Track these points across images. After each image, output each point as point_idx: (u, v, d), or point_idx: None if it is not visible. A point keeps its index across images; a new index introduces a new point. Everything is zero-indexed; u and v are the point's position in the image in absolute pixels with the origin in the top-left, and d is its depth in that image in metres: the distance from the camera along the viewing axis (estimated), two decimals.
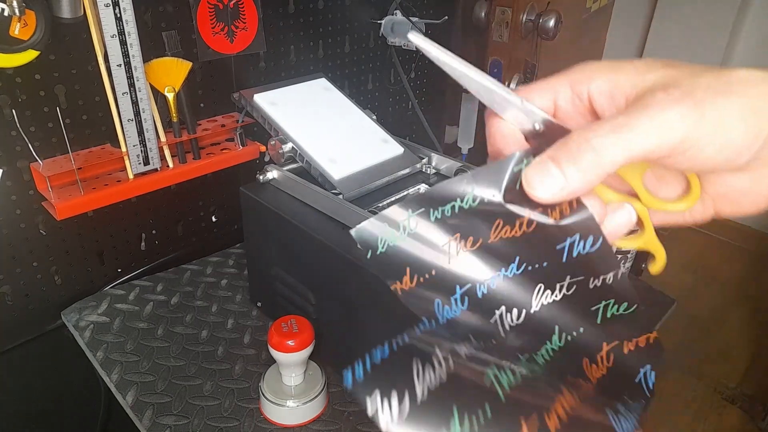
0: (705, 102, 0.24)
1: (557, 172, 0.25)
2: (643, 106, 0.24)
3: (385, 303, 0.56)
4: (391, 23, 1.05)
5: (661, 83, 0.25)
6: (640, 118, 0.24)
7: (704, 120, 0.24)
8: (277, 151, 0.70)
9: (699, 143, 0.24)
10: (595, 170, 0.24)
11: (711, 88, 0.24)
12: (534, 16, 1.17)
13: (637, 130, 0.24)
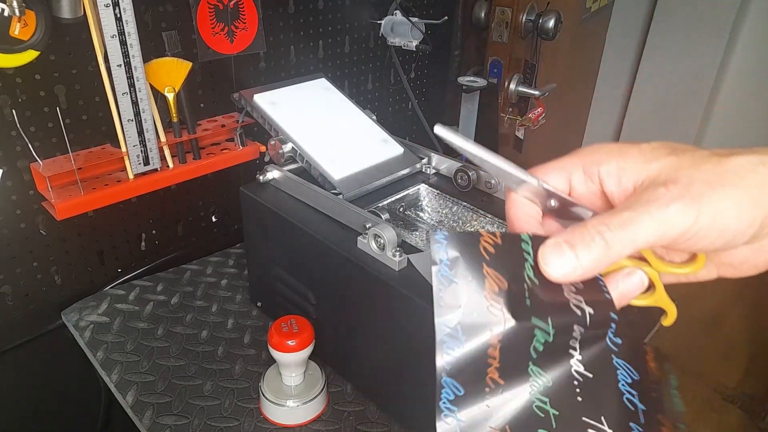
0: (702, 196, 0.26)
1: (571, 254, 0.27)
2: (647, 201, 0.27)
3: (385, 303, 0.56)
4: (391, 23, 1.05)
5: (663, 177, 0.27)
6: (644, 215, 0.26)
7: (702, 214, 0.26)
8: (277, 151, 0.70)
9: (698, 234, 0.27)
10: (605, 258, 0.27)
11: (708, 182, 0.27)
12: (534, 16, 1.17)
13: (642, 226, 0.26)
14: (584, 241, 0.27)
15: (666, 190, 0.27)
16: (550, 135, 1.51)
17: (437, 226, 0.73)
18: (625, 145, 0.30)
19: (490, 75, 1.21)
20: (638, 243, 0.27)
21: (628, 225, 0.27)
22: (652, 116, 2.47)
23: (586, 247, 0.27)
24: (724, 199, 0.26)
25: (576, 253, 0.27)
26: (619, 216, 0.27)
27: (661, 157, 0.28)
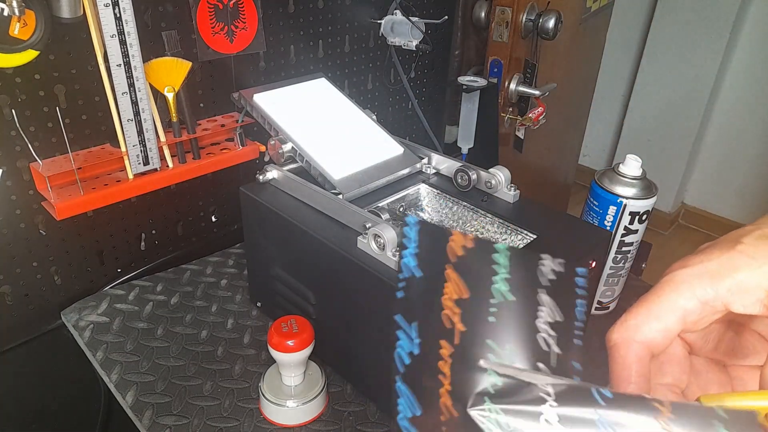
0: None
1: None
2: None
3: (385, 303, 0.56)
4: (391, 23, 1.05)
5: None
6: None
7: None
8: (277, 151, 0.70)
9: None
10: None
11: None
12: (534, 16, 1.17)
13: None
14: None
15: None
16: (550, 135, 1.51)
17: None
18: (714, 256, 0.27)
19: (490, 75, 1.21)
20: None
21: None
22: (652, 116, 2.47)
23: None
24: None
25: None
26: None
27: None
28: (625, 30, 2.49)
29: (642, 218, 0.72)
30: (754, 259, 0.26)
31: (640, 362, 0.28)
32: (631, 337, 0.28)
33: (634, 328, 0.28)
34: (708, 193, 2.52)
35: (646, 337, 0.27)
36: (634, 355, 0.28)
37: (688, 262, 0.28)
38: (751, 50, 2.23)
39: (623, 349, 0.28)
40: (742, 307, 0.27)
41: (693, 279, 0.27)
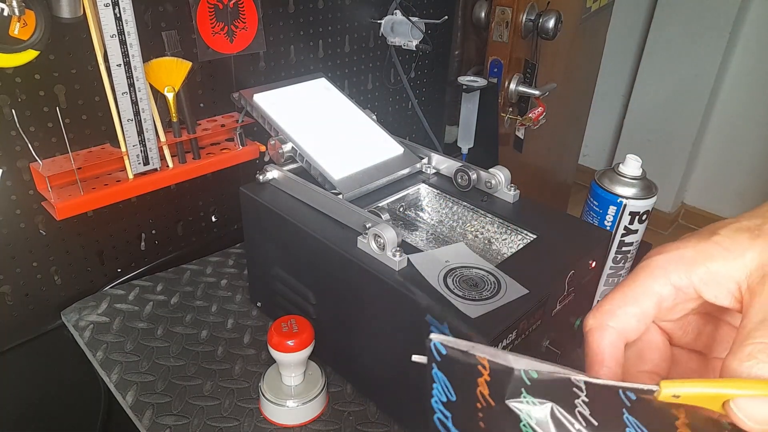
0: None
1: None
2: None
3: (385, 303, 0.56)
4: (391, 23, 1.05)
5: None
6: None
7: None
8: (277, 151, 0.70)
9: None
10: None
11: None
12: (534, 16, 1.17)
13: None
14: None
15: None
16: (550, 135, 1.51)
17: (437, 226, 0.73)
18: (690, 245, 0.28)
19: (490, 75, 1.21)
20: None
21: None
22: (652, 116, 2.47)
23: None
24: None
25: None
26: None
27: (747, 244, 0.26)
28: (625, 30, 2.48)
29: (642, 218, 0.72)
30: (728, 251, 0.27)
31: (613, 347, 0.28)
32: (606, 323, 0.28)
33: (609, 313, 0.28)
34: (708, 193, 2.52)
35: (621, 323, 0.28)
36: (607, 340, 0.28)
37: (664, 249, 0.28)
38: (751, 50, 2.23)
39: (597, 334, 0.28)
40: (713, 296, 0.27)
41: (668, 265, 0.28)
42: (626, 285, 0.28)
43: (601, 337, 0.28)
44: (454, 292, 0.52)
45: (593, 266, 0.63)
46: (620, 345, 0.28)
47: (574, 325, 0.64)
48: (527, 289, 0.53)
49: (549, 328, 0.59)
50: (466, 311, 0.50)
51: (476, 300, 0.51)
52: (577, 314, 0.64)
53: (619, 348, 0.28)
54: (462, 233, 0.71)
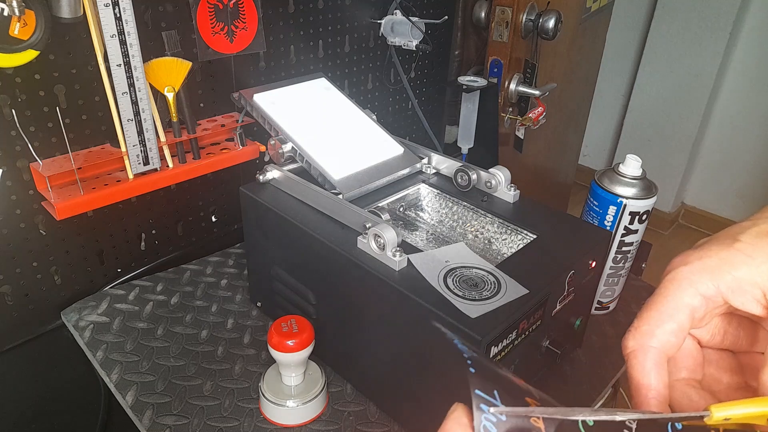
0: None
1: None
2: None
3: (385, 303, 0.56)
4: (391, 23, 1.05)
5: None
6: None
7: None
8: (277, 151, 0.70)
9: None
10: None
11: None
12: (534, 16, 1.17)
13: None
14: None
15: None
16: (550, 135, 1.51)
17: (437, 226, 0.73)
18: (713, 253, 0.28)
19: (490, 75, 1.21)
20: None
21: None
22: (652, 116, 2.47)
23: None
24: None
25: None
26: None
27: (767, 249, 0.27)
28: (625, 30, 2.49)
29: (642, 218, 0.72)
30: (751, 257, 0.27)
31: (658, 368, 0.28)
32: (647, 344, 0.28)
33: (648, 334, 0.28)
34: (708, 193, 2.52)
35: (661, 341, 0.28)
36: (651, 361, 0.28)
37: (687, 259, 0.29)
38: (751, 50, 2.23)
39: (641, 356, 0.28)
40: (740, 303, 0.27)
41: (694, 276, 0.28)
42: (658, 302, 0.29)
43: (645, 359, 0.28)
44: (454, 292, 0.52)
45: (593, 266, 0.63)
46: (664, 364, 0.28)
47: (574, 325, 0.64)
48: (527, 289, 0.53)
49: (549, 328, 0.59)
50: (466, 311, 0.50)
51: (476, 300, 0.51)
52: (577, 314, 0.64)
53: (664, 367, 0.28)
54: (462, 233, 0.71)
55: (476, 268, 0.56)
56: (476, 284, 0.54)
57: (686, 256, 0.29)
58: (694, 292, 0.28)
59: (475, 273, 0.55)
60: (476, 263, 0.57)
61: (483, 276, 0.55)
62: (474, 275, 0.55)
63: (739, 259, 0.27)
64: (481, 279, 0.54)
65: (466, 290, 0.53)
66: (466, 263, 0.57)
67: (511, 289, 0.53)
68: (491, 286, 0.53)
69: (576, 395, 0.67)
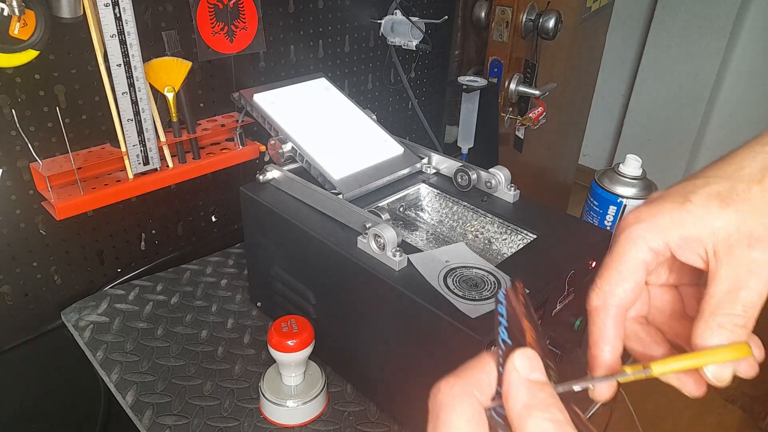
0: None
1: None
2: (749, 271, 0.28)
3: (385, 303, 0.56)
4: (391, 23, 1.05)
5: (745, 238, 0.28)
6: (755, 283, 0.28)
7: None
8: (277, 151, 0.70)
9: None
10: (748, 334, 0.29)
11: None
12: (534, 16, 1.17)
13: (760, 293, 0.28)
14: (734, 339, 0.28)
15: (756, 252, 0.28)
16: (550, 135, 1.51)
17: (437, 226, 0.73)
18: (665, 211, 0.30)
19: (490, 74, 1.21)
20: (759, 309, 0.28)
21: (753, 300, 0.28)
22: (652, 116, 2.47)
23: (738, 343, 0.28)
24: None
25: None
26: (740, 298, 0.28)
27: (717, 212, 0.29)
28: (625, 30, 2.48)
29: None
30: (700, 219, 0.30)
31: (617, 325, 0.32)
32: (609, 303, 0.32)
33: (609, 293, 0.32)
34: None
35: (621, 299, 0.32)
36: (611, 319, 0.32)
37: (641, 217, 0.31)
38: (751, 50, 2.23)
39: (602, 313, 0.32)
40: (686, 258, 0.31)
41: (647, 234, 0.31)
42: (617, 260, 0.32)
43: (606, 317, 0.32)
44: (454, 292, 0.52)
45: (593, 266, 0.63)
46: (623, 320, 0.32)
47: (574, 325, 0.64)
48: (527, 289, 0.53)
49: (549, 328, 0.59)
50: (466, 311, 0.50)
51: (476, 300, 0.51)
52: (577, 314, 0.64)
53: (622, 323, 0.32)
54: (462, 233, 0.71)
55: (476, 268, 0.56)
56: (476, 284, 0.54)
57: (640, 213, 0.31)
58: (647, 249, 0.31)
59: (475, 273, 0.55)
60: (476, 263, 0.57)
61: (483, 276, 0.55)
62: (474, 275, 0.55)
63: (688, 219, 0.30)
64: (481, 279, 0.54)
65: (466, 290, 0.53)
66: (466, 263, 0.57)
67: None
68: (491, 286, 0.53)
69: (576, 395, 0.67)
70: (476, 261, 0.57)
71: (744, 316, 0.28)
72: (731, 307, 0.28)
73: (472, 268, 0.56)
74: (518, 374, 0.26)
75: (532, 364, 0.26)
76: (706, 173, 0.31)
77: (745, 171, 0.30)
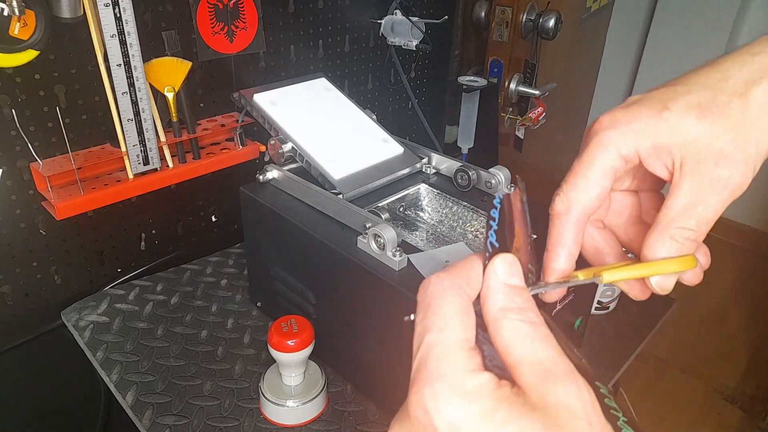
0: (751, 157, 0.29)
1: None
2: (709, 186, 0.29)
3: (385, 303, 0.56)
4: (391, 23, 1.05)
5: (712, 152, 0.28)
6: (712, 198, 0.29)
7: (754, 171, 0.29)
8: (277, 151, 0.70)
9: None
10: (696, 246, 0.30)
11: (747, 141, 0.28)
12: (534, 16, 1.17)
13: (715, 208, 0.29)
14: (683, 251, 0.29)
15: (721, 170, 0.28)
16: (550, 134, 1.51)
17: (437, 226, 0.73)
18: (642, 117, 0.30)
19: (490, 74, 1.21)
20: (711, 225, 0.30)
21: (707, 217, 0.29)
22: None
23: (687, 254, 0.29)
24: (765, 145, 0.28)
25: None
26: (696, 213, 0.29)
27: (692, 125, 0.29)
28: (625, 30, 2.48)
29: None
30: (673, 129, 0.29)
31: (577, 230, 0.32)
32: (572, 209, 0.32)
33: (574, 200, 0.32)
34: None
35: (585, 206, 0.32)
36: (573, 225, 0.32)
37: (616, 122, 0.30)
38: None
39: (564, 218, 0.32)
40: (653, 167, 0.30)
41: (619, 139, 0.30)
42: (585, 167, 0.32)
43: (567, 222, 0.32)
44: None
45: None
46: (583, 226, 0.32)
47: (574, 325, 0.64)
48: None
49: None
50: None
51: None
52: (577, 314, 0.64)
53: (582, 229, 0.32)
54: (462, 233, 0.71)
55: None
56: None
57: (615, 118, 0.30)
58: (617, 156, 0.30)
59: None
60: None
61: None
62: None
63: (663, 128, 0.29)
64: None
65: None
66: None
67: None
68: None
69: None
70: None
71: (696, 231, 0.29)
72: (686, 221, 0.29)
73: None
74: (497, 278, 0.26)
75: (512, 270, 0.27)
76: (690, 80, 0.31)
77: (729, 81, 0.29)
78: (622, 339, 0.76)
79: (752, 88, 0.29)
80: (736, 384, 1.68)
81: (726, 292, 2.07)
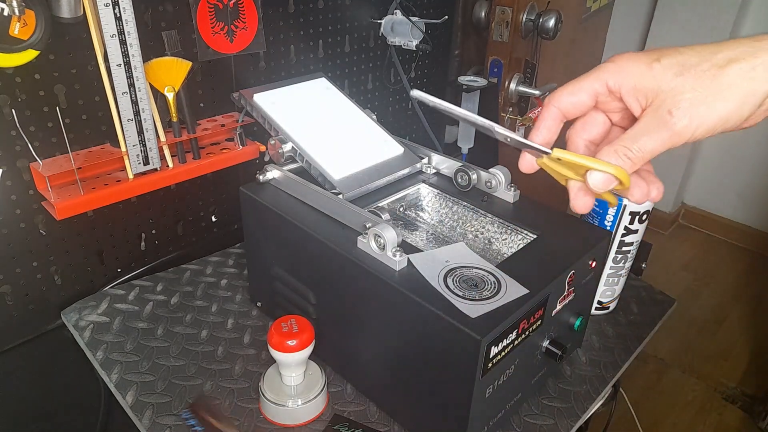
0: (701, 116, 0.35)
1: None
2: (658, 127, 0.36)
3: (385, 303, 0.56)
4: (391, 23, 1.05)
5: (670, 103, 0.35)
6: (657, 137, 0.36)
7: (699, 128, 0.36)
8: (277, 151, 0.70)
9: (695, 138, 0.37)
10: (631, 169, 0.38)
11: (706, 101, 0.34)
12: (534, 16, 1.17)
13: (656, 146, 0.36)
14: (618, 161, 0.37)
15: (671, 117, 0.35)
16: None
17: (437, 226, 0.73)
18: (641, 62, 0.37)
19: (490, 75, 1.21)
20: (650, 156, 0.37)
21: (646, 147, 0.36)
22: None
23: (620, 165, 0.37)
24: (720, 111, 0.34)
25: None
26: (639, 141, 0.36)
27: (670, 78, 0.35)
28: (625, 30, 2.48)
29: (642, 218, 0.72)
30: (655, 78, 0.36)
31: (553, 119, 0.42)
32: (553, 104, 0.41)
33: (557, 97, 0.41)
34: (708, 193, 2.52)
35: (563, 105, 0.41)
36: (549, 113, 0.42)
37: (621, 59, 0.38)
38: None
39: (547, 108, 0.42)
40: (629, 104, 0.38)
41: (613, 73, 0.38)
42: (580, 80, 0.40)
43: (548, 110, 0.42)
44: (454, 292, 0.52)
45: (593, 266, 0.63)
46: (558, 118, 0.42)
47: (574, 325, 0.64)
48: (527, 289, 0.53)
49: (549, 328, 0.59)
50: (466, 311, 0.50)
51: (476, 300, 0.51)
52: (577, 314, 0.64)
53: (556, 120, 0.42)
54: (462, 233, 0.71)
55: (476, 268, 0.56)
56: (476, 284, 0.54)
57: (622, 58, 0.38)
58: (603, 84, 0.39)
59: (475, 273, 0.55)
60: (476, 263, 0.57)
61: (483, 276, 0.55)
62: (474, 275, 0.55)
63: (648, 75, 0.36)
64: (481, 279, 0.54)
65: (466, 290, 0.53)
66: (466, 263, 0.57)
67: (511, 289, 0.53)
68: (491, 286, 0.53)
69: (576, 395, 0.67)
70: (476, 261, 0.57)
71: (635, 154, 0.36)
72: (631, 143, 0.36)
73: (472, 268, 0.56)
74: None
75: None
76: (693, 48, 0.36)
77: (718, 56, 0.34)
78: (622, 339, 0.76)
79: (732, 64, 0.34)
80: (736, 384, 1.68)
81: (726, 292, 2.07)
